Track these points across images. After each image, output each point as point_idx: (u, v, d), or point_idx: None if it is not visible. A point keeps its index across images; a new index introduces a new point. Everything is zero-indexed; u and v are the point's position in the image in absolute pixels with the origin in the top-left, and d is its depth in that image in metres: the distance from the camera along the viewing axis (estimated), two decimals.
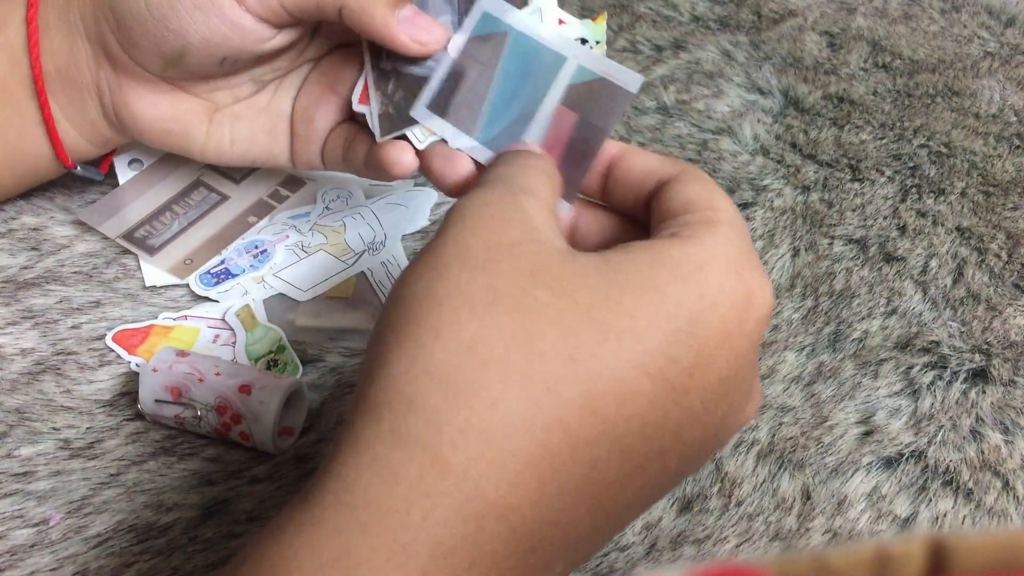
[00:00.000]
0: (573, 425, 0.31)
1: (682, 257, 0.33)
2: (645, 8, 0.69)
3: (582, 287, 0.32)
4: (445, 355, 0.31)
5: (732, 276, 0.34)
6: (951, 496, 0.46)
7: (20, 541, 0.43)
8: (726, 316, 0.33)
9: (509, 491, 0.30)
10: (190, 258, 0.53)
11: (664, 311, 0.32)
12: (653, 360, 0.32)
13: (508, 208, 0.35)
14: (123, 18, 0.46)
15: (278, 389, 0.45)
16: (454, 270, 0.33)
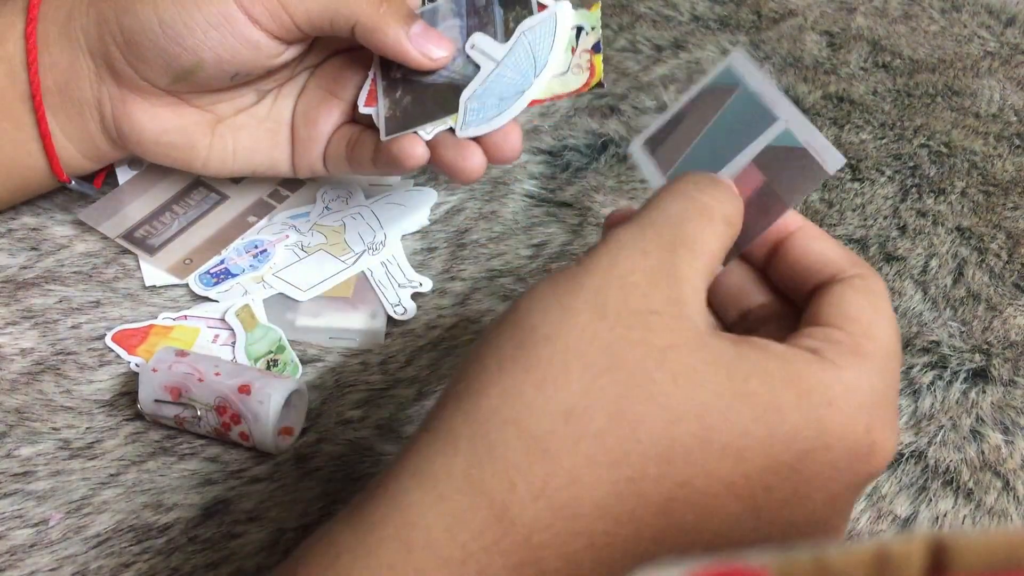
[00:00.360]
0: (645, 524, 0.30)
1: (816, 385, 0.31)
2: (645, 8, 0.69)
3: (706, 383, 0.30)
4: (542, 414, 0.30)
5: (861, 422, 0.31)
6: (951, 496, 0.46)
7: (20, 541, 0.43)
8: (838, 463, 0.31)
9: (563, 567, 0.29)
10: (189, 258, 0.53)
11: (777, 439, 0.30)
12: (748, 484, 0.30)
13: (660, 266, 0.32)
14: (133, 35, 0.46)
15: (278, 389, 0.45)
16: (583, 320, 0.31)
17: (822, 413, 0.30)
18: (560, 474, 0.29)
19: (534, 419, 0.30)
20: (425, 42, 0.45)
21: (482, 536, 0.29)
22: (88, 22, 0.47)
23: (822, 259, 0.35)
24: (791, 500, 0.31)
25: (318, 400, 0.48)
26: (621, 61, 0.65)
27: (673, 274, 0.32)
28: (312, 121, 0.50)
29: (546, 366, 0.30)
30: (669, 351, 0.30)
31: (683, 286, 0.32)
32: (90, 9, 0.47)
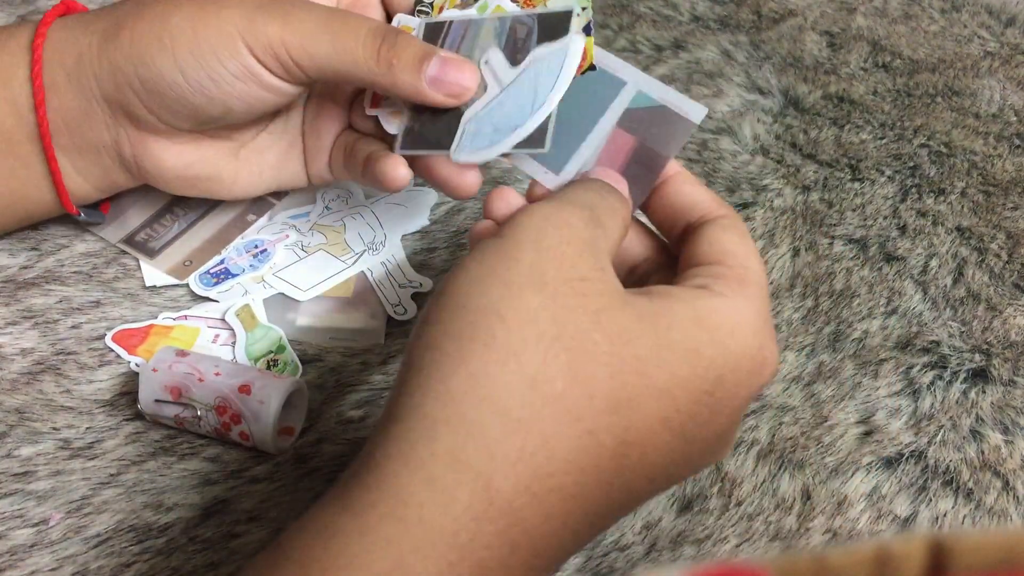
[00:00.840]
0: (603, 469, 0.33)
1: (720, 319, 0.35)
2: (645, 8, 0.69)
3: (636, 339, 0.34)
4: (510, 386, 0.32)
5: (755, 343, 0.36)
6: (951, 496, 0.46)
7: (20, 541, 0.43)
8: (740, 380, 0.36)
9: (542, 522, 0.32)
10: (189, 259, 0.53)
11: (698, 374, 0.35)
12: (679, 416, 0.34)
13: (586, 241, 0.36)
14: (155, 87, 0.46)
15: (278, 389, 0.45)
16: (526, 294, 0.34)
17: (728, 343, 0.35)
18: (533, 439, 0.32)
19: (504, 393, 0.32)
20: (443, 84, 0.44)
21: (471, 508, 0.31)
22: (101, 71, 0.46)
23: (695, 200, 0.40)
24: (708, 421, 0.35)
25: (318, 400, 0.48)
26: None
27: (594, 245, 0.36)
28: (316, 131, 0.51)
29: (504, 343, 0.33)
30: (602, 313, 0.34)
31: (602, 256, 0.36)
32: (101, 58, 0.46)
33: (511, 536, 0.32)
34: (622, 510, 0.36)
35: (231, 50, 0.44)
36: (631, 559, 0.44)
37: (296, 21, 0.44)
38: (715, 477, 0.46)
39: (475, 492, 0.32)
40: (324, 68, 0.45)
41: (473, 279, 0.34)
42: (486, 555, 0.31)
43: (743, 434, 0.47)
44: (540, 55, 0.44)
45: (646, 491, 0.36)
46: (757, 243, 0.55)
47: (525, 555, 0.32)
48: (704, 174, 0.59)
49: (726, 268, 0.37)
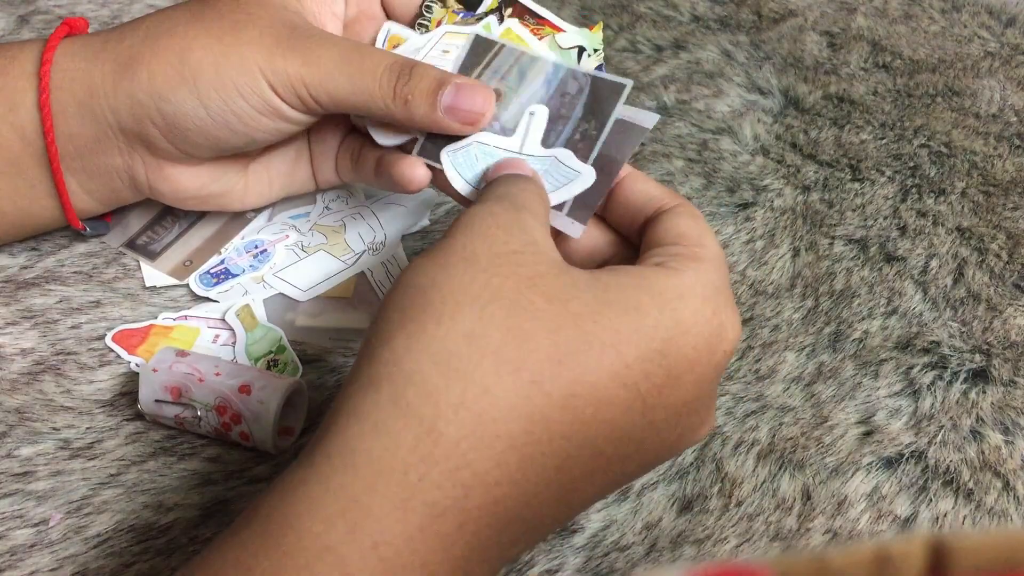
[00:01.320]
0: (553, 420, 0.34)
1: (665, 286, 0.37)
2: (645, 8, 0.69)
3: (573, 298, 0.36)
4: (446, 340, 0.34)
5: (708, 309, 0.37)
6: (951, 496, 0.46)
7: (20, 541, 0.43)
8: (697, 345, 0.37)
9: (493, 467, 0.34)
10: (189, 259, 0.53)
11: (643, 331, 0.36)
12: (629, 373, 0.35)
13: (512, 221, 0.38)
14: (177, 122, 0.46)
15: (278, 389, 0.45)
16: (460, 269, 0.36)
17: (675, 306, 0.36)
18: (473, 386, 0.34)
19: (440, 347, 0.34)
20: (458, 113, 0.45)
21: (417, 449, 0.33)
22: (118, 104, 0.46)
23: (649, 196, 0.42)
24: (667, 383, 0.36)
25: (318, 400, 0.48)
26: (621, 61, 0.65)
27: (522, 225, 0.38)
28: (322, 137, 0.52)
29: (440, 305, 0.35)
30: (537, 279, 0.36)
31: (532, 232, 0.38)
32: (118, 91, 0.46)
33: (461, 478, 0.33)
34: (594, 477, 0.36)
35: (253, 87, 0.45)
36: (631, 559, 0.44)
37: (315, 59, 0.45)
38: (715, 477, 0.46)
39: (419, 435, 0.33)
40: (341, 104, 0.46)
41: (415, 268, 0.37)
42: (439, 495, 0.33)
43: (743, 434, 0.47)
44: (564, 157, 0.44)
45: (613, 455, 0.36)
46: (757, 243, 0.55)
47: (481, 500, 0.34)
48: (704, 174, 0.59)
49: (681, 248, 0.39)
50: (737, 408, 0.49)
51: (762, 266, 0.54)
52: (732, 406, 0.49)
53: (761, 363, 0.50)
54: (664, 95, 0.63)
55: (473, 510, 0.34)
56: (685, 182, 0.58)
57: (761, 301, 0.53)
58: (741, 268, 0.54)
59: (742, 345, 0.51)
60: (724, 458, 0.47)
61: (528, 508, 0.35)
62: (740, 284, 0.54)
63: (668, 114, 0.62)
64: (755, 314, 0.52)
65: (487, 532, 0.34)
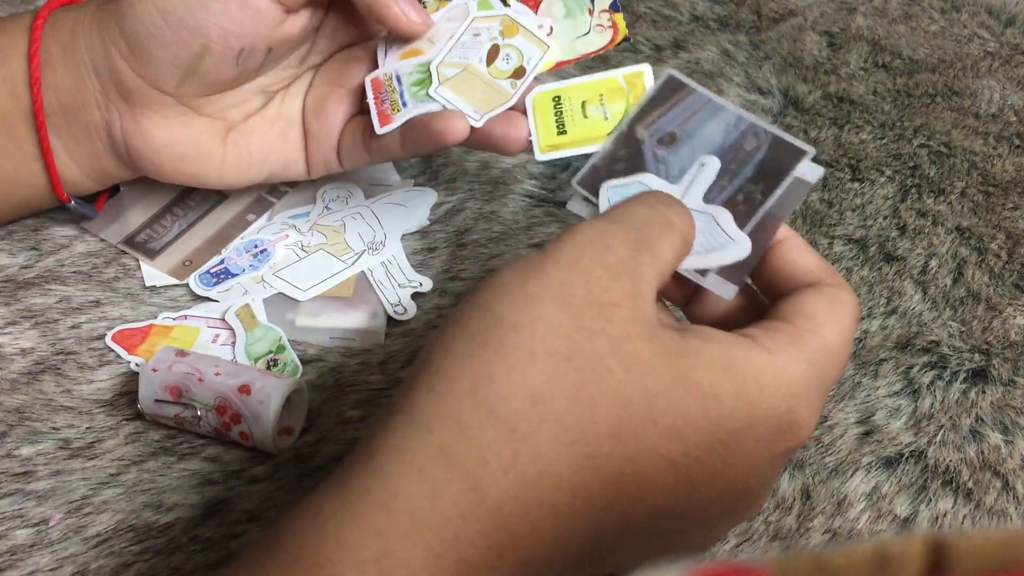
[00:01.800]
0: (596, 494, 0.33)
1: (750, 371, 0.34)
2: (645, 8, 0.69)
3: (653, 372, 0.33)
4: (510, 399, 0.32)
5: (784, 404, 0.34)
6: (951, 496, 0.46)
7: (20, 541, 0.43)
8: (761, 439, 0.34)
9: (529, 532, 0.33)
10: (189, 259, 0.53)
11: (713, 421, 0.33)
12: (685, 459, 0.34)
13: (625, 262, 0.35)
14: (135, 34, 0.46)
15: (278, 389, 0.45)
16: (548, 310, 0.33)
17: (753, 397, 0.34)
18: (527, 452, 0.32)
19: (503, 402, 0.32)
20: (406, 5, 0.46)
21: (458, 504, 0.32)
22: (91, 38, 0.47)
23: (803, 269, 0.38)
24: (719, 471, 0.34)
25: (318, 400, 0.48)
26: (621, 61, 0.65)
27: (634, 271, 0.35)
28: (323, 114, 0.50)
29: (513, 353, 0.33)
30: (624, 341, 0.33)
31: (641, 283, 0.35)
32: (92, 26, 0.47)
33: (497, 540, 0.32)
34: (624, 547, 0.35)
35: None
36: None
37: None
38: None
39: (464, 491, 0.32)
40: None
41: (502, 286, 0.34)
42: (472, 553, 0.32)
43: None
44: (722, 218, 0.40)
45: (647, 530, 0.35)
46: None
47: (511, 562, 0.32)
48: None
49: (789, 326, 0.35)
50: None
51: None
52: None
53: None
54: None
55: (502, 569, 0.33)
56: None
57: None
58: None
59: None
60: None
61: (551, 569, 0.34)
62: None
63: None
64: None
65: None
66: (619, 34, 0.45)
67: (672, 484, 0.34)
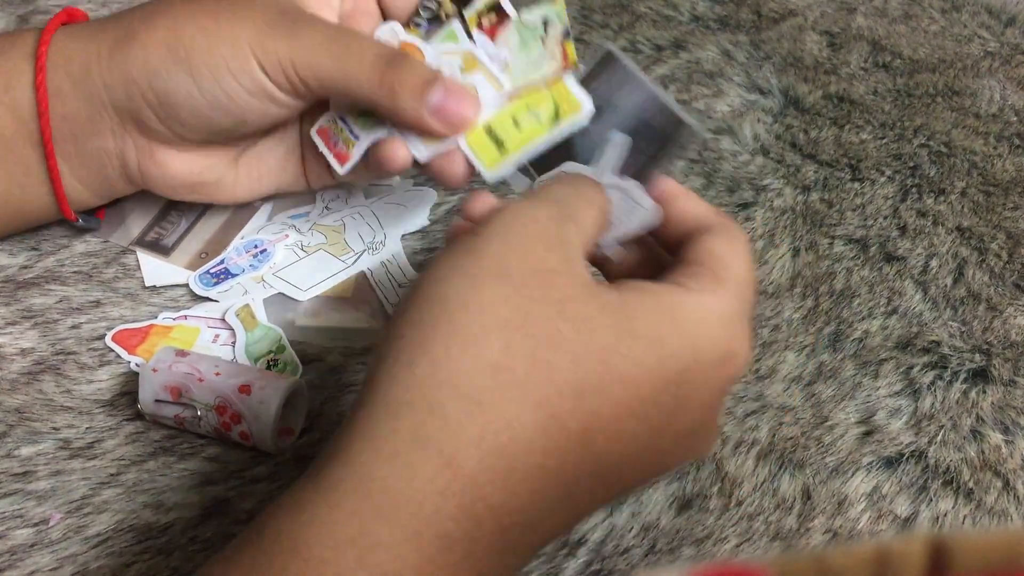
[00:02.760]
0: (567, 452, 0.34)
1: (685, 311, 0.36)
2: (645, 8, 0.69)
3: (599, 328, 0.35)
4: (471, 371, 0.33)
5: (723, 336, 0.36)
6: (951, 496, 0.46)
7: (20, 541, 0.43)
8: (706, 369, 0.36)
9: (507, 499, 0.33)
10: (205, 251, 0.53)
11: (664, 362, 0.35)
12: (644, 405, 0.35)
13: (554, 233, 0.36)
14: (169, 99, 0.46)
15: (278, 389, 0.45)
16: (490, 285, 0.35)
17: (694, 335, 0.36)
18: (495, 421, 0.33)
19: (465, 377, 0.33)
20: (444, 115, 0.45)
21: (434, 481, 0.33)
22: (112, 79, 0.46)
23: (698, 216, 0.40)
24: (676, 411, 0.36)
25: (318, 400, 0.48)
26: None
27: (563, 240, 0.36)
28: None
29: (466, 330, 0.34)
30: (567, 303, 0.35)
31: (571, 250, 0.36)
32: (112, 67, 0.46)
33: (475, 511, 0.33)
34: (595, 497, 0.37)
35: (244, 66, 0.45)
36: (631, 561, 0.44)
37: (304, 39, 0.45)
38: (715, 477, 0.46)
39: (438, 467, 0.33)
40: (328, 87, 0.46)
41: (441, 272, 0.35)
42: (451, 526, 0.33)
43: (743, 434, 0.47)
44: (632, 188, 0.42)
45: (617, 480, 0.37)
46: (757, 243, 0.55)
47: (491, 529, 0.33)
48: (704, 174, 0.59)
49: (704, 268, 0.38)
50: (737, 408, 0.49)
51: (762, 266, 0.54)
52: (732, 406, 0.49)
53: (761, 363, 0.50)
54: None
55: (482, 540, 0.33)
56: (685, 182, 0.58)
57: (761, 301, 0.53)
58: None
59: None
60: (724, 458, 0.47)
61: (533, 532, 0.35)
62: None
63: None
64: (755, 314, 0.52)
65: (493, 559, 0.34)
66: (568, 62, 0.46)
67: (635, 430, 0.35)
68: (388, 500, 0.32)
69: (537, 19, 0.46)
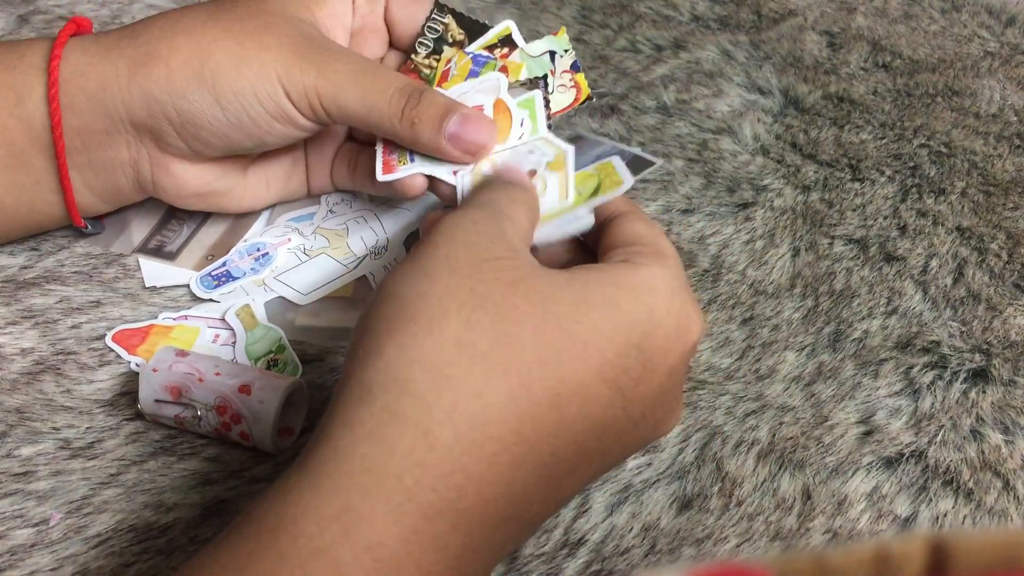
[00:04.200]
0: (541, 419, 0.35)
1: (636, 281, 0.38)
2: (645, 8, 0.69)
3: (554, 300, 0.37)
4: (435, 348, 0.35)
5: (676, 302, 0.38)
6: (951, 496, 0.46)
7: (20, 541, 0.43)
8: (668, 336, 0.38)
9: (486, 469, 0.35)
10: (211, 253, 0.53)
11: (621, 327, 0.37)
12: (610, 369, 0.37)
13: (492, 228, 0.39)
14: (192, 119, 0.47)
15: (278, 389, 0.45)
16: (444, 276, 0.37)
17: (648, 299, 0.38)
18: (465, 392, 0.35)
19: (431, 355, 0.35)
20: (462, 142, 0.46)
21: (411, 454, 0.34)
22: (132, 99, 0.47)
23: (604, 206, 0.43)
24: (643, 376, 0.38)
25: (318, 400, 0.48)
26: (621, 61, 0.65)
27: (502, 233, 0.39)
28: (319, 146, 0.54)
29: (428, 315, 0.36)
30: (519, 283, 0.37)
31: (512, 240, 0.39)
32: (132, 86, 0.46)
33: (456, 481, 0.34)
34: (576, 472, 0.38)
35: (271, 93, 0.46)
36: (631, 561, 0.44)
37: (331, 72, 0.46)
38: (715, 477, 0.46)
39: (415, 440, 0.34)
40: (351, 117, 0.47)
41: (399, 275, 0.37)
42: (434, 497, 0.34)
43: (743, 434, 0.47)
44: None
45: (597, 453, 0.38)
46: (757, 243, 0.55)
47: (473, 501, 0.34)
48: (704, 174, 0.59)
49: (641, 246, 0.40)
50: (737, 408, 0.49)
51: (762, 266, 0.54)
52: (732, 406, 0.49)
53: (761, 363, 0.50)
54: (664, 95, 0.63)
55: (466, 511, 0.34)
56: (685, 182, 0.58)
57: (761, 301, 0.53)
58: (741, 268, 0.54)
59: (742, 345, 0.51)
60: (724, 458, 0.47)
61: (518, 506, 0.36)
62: (740, 284, 0.54)
63: (668, 114, 0.62)
64: (755, 314, 0.52)
65: (480, 532, 0.35)
66: (582, 93, 0.47)
67: (606, 396, 0.37)
68: (369, 476, 0.34)
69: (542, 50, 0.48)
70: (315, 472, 0.34)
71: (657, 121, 0.61)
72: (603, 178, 0.45)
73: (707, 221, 0.56)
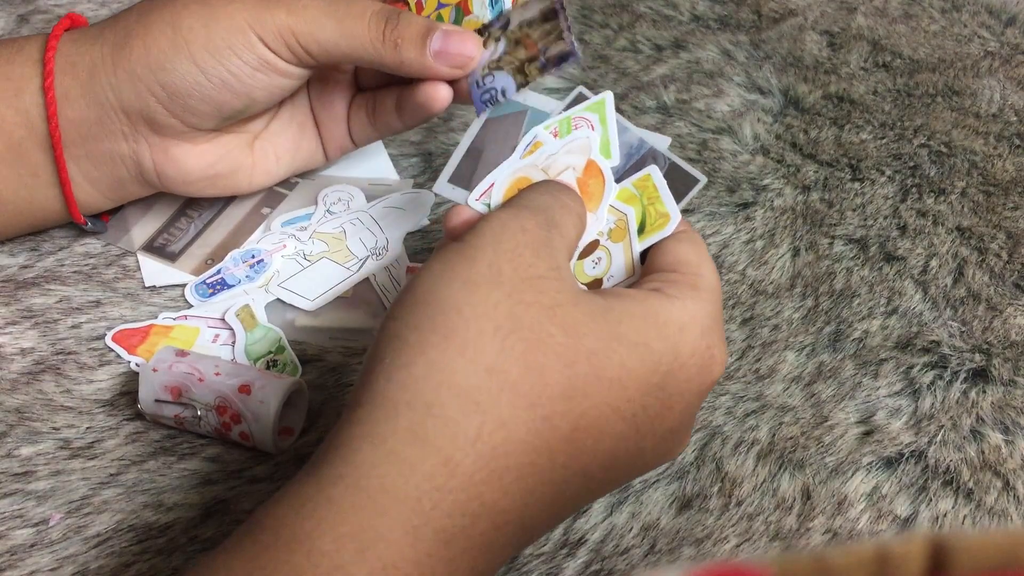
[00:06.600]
0: (557, 451, 0.35)
1: (668, 317, 0.38)
2: (645, 8, 0.69)
3: (588, 333, 0.36)
4: (467, 372, 0.34)
5: (704, 342, 0.38)
6: (951, 496, 0.46)
7: (20, 541, 0.43)
8: (690, 376, 0.38)
9: (501, 497, 0.35)
10: (211, 257, 0.53)
11: (648, 367, 0.37)
12: (630, 407, 0.37)
13: (541, 241, 0.38)
14: (177, 89, 0.47)
15: (278, 389, 0.45)
16: (484, 290, 0.36)
17: (676, 340, 0.37)
18: (491, 421, 0.34)
19: (462, 379, 0.34)
20: (447, 56, 0.46)
21: (432, 479, 0.34)
22: (118, 80, 0.47)
23: None
24: (660, 413, 0.38)
25: (318, 400, 0.48)
26: (621, 61, 0.65)
27: (549, 246, 0.38)
28: (328, 103, 0.53)
29: (462, 334, 0.35)
30: (557, 308, 0.36)
31: (558, 256, 0.38)
32: (116, 68, 0.47)
33: (471, 508, 0.34)
34: (580, 496, 0.38)
35: (244, 43, 0.46)
36: (631, 561, 0.44)
37: (300, 8, 0.46)
38: (715, 477, 0.46)
39: (436, 466, 0.34)
40: (332, 52, 0.46)
41: (435, 278, 0.36)
42: (448, 523, 0.34)
43: (743, 434, 0.47)
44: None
45: (602, 479, 0.38)
46: (757, 243, 0.55)
47: (486, 527, 0.34)
48: (704, 174, 0.58)
49: (679, 275, 0.39)
50: (737, 408, 0.49)
51: (762, 266, 0.54)
52: (732, 406, 0.49)
53: (761, 363, 0.50)
54: (664, 95, 0.63)
55: (478, 536, 0.34)
56: None
57: (761, 301, 0.53)
58: (741, 268, 0.54)
59: (742, 344, 0.51)
60: (724, 458, 0.47)
61: (524, 530, 0.36)
62: (740, 284, 0.54)
63: (668, 114, 0.62)
64: (755, 314, 0.52)
65: (488, 555, 0.35)
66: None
67: (621, 431, 0.36)
68: (387, 497, 0.33)
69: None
70: (331, 485, 0.34)
71: (657, 121, 0.61)
72: (646, 204, 0.43)
73: (707, 221, 0.56)
